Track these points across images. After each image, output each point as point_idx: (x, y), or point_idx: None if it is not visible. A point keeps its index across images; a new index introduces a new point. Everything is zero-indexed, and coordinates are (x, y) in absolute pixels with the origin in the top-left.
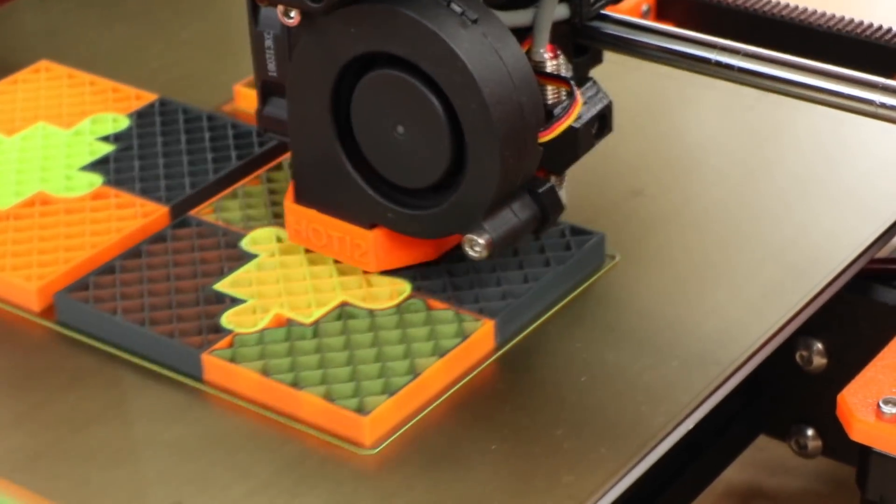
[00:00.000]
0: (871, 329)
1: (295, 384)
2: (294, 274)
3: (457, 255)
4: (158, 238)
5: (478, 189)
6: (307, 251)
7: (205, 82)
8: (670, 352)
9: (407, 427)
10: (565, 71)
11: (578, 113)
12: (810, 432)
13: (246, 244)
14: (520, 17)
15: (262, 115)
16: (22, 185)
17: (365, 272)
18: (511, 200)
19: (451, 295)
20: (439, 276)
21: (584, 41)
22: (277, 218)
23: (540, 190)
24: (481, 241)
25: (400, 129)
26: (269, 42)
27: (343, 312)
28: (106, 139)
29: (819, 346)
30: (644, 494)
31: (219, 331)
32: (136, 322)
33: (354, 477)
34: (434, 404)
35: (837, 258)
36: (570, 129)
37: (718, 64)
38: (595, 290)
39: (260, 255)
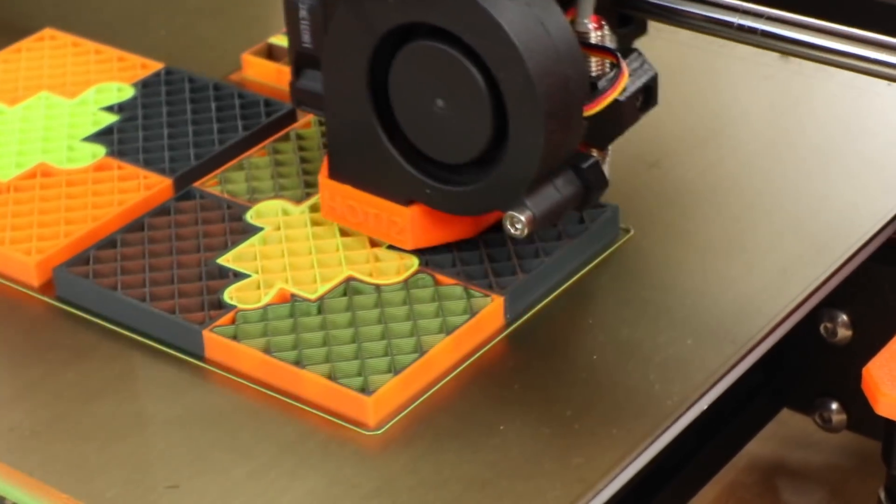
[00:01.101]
0: None
1: (298, 362)
2: (299, 248)
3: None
4: (161, 211)
5: (520, 164)
6: (313, 224)
7: (212, 51)
8: (685, 328)
9: (413, 407)
10: (610, 42)
11: (624, 86)
12: (835, 406)
13: (251, 217)
14: None
15: (296, 88)
16: (23, 157)
17: (372, 246)
18: (554, 176)
19: (461, 270)
20: (448, 250)
21: (628, 10)
22: (283, 190)
23: (584, 165)
24: (523, 217)
25: (440, 102)
26: (303, 13)
27: (349, 287)
28: (110, 109)
29: (844, 317)
30: (666, 467)
31: (221, 307)
32: (136, 298)
33: (358, 458)
34: (441, 383)
35: (859, 230)
36: (615, 102)
37: (765, 34)
38: (609, 265)
39: (265, 229)
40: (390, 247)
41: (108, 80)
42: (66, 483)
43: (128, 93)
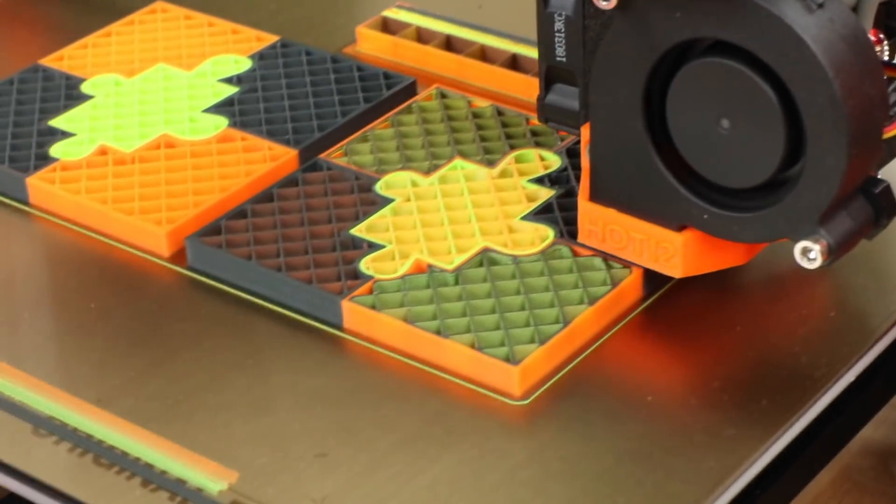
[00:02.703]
0: None
1: (440, 332)
2: (432, 219)
3: None
4: (290, 181)
5: (816, 190)
6: (444, 196)
7: (323, 24)
8: (829, 301)
9: (557, 377)
10: (888, 56)
11: None
12: None
13: (380, 188)
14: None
15: (545, 104)
16: (146, 128)
17: (505, 217)
18: (847, 202)
19: None
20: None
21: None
22: (410, 162)
23: (876, 190)
24: (818, 247)
25: (725, 122)
26: (559, 24)
27: (485, 258)
28: (228, 81)
29: None
30: (784, 454)
31: (358, 277)
32: (272, 268)
33: (505, 429)
34: (584, 354)
35: None
36: None
37: None
38: None
39: (395, 200)
40: (524, 217)
41: (224, 53)
42: (214, 451)
43: (245, 65)
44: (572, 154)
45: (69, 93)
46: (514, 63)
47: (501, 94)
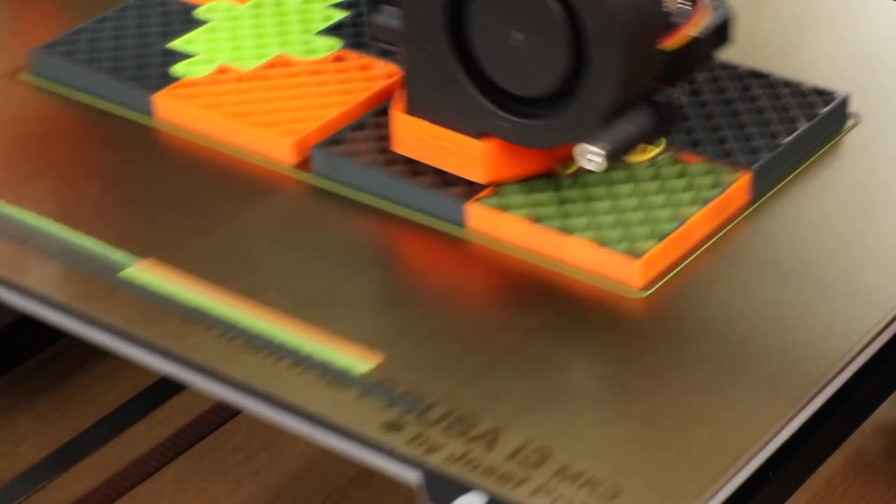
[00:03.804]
0: None
1: (563, 230)
2: None
3: (704, 111)
4: None
5: (595, 98)
6: None
7: None
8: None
9: (674, 273)
10: None
11: (702, 22)
12: None
13: None
14: None
15: (373, 24)
16: (262, 49)
17: None
18: (628, 110)
19: (706, 149)
20: (689, 132)
21: None
22: None
23: (658, 99)
24: (596, 150)
25: (516, 35)
26: None
27: None
28: (339, 6)
29: None
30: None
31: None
32: (398, 174)
33: (628, 319)
34: (696, 252)
35: None
36: (693, 38)
37: None
38: (838, 151)
39: None
40: None
41: None
42: (355, 338)
43: None
44: None
45: (185, 17)
46: None
47: None
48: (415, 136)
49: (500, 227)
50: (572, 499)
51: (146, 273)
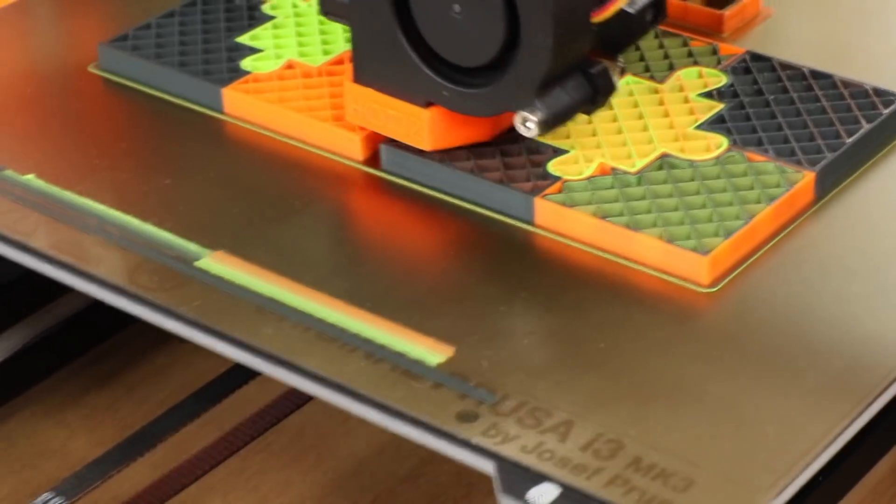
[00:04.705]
0: None
1: (631, 226)
2: (608, 128)
3: (769, 111)
4: None
5: (531, 67)
6: (621, 107)
7: None
8: None
9: (741, 269)
10: None
11: None
12: None
13: None
14: None
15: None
16: (328, 45)
17: (679, 127)
18: (564, 80)
19: (768, 148)
20: (753, 131)
21: None
22: None
23: (592, 70)
24: (533, 118)
25: (456, 7)
26: None
27: (664, 163)
28: None
29: None
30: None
31: (546, 178)
32: (466, 170)
33: (696, 314)
34: (762, 250)
35: None
36: (624, 13)
37: None
38: None
39: None
40: (698, 126)
41: None
42: (427, 330)
43: None
44: (737, 72)
45: (250, 13)
46: None
47: None
48: (363, 105)
49: (568, 222)
50: (645, 490)
51: (219, 264)
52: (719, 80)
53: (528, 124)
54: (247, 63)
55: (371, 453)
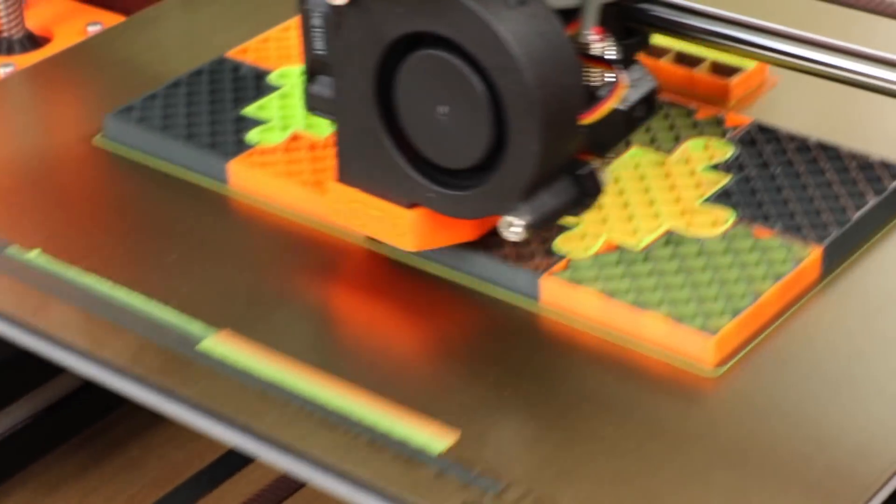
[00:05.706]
0: None
1: (637, 304)
2: (614, 201)
3: (775, 184)
4: None
5: (517, 171)
6: (625, 181)
7: None
8: None
9: (748, 349)
10: (612, 53)
11: (623, 95)
12: None
13: None
14: None
15: (309, 94)
16: None
17: (685, 201)
18: (551, 183)
19: (775, 223)
20: (759, 205)
21: (632, 24)
22: None
23: (580, 172)
24: (518, 222)
25: (442, 109)
26: (316, 20)
27: (670, 239)
28: None
29: None
30: None
31: (551, 255)
32: (471, 247)
33: (703, 398)
34: (770, 328)
35: None
36: (616, 111)
37: (769, 49)
38: None
39: None
40: (704, 201)
41: None
42: (431, 413)
43: None
44: (743, 143)
45: (257, 83)
46: (679, 57)
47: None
48: (346, 204)
49: (573, 300)
50: None
51: (223, 345)
52: (725, 151)
53: (513, 229)
54: (253, 135)
55: None
